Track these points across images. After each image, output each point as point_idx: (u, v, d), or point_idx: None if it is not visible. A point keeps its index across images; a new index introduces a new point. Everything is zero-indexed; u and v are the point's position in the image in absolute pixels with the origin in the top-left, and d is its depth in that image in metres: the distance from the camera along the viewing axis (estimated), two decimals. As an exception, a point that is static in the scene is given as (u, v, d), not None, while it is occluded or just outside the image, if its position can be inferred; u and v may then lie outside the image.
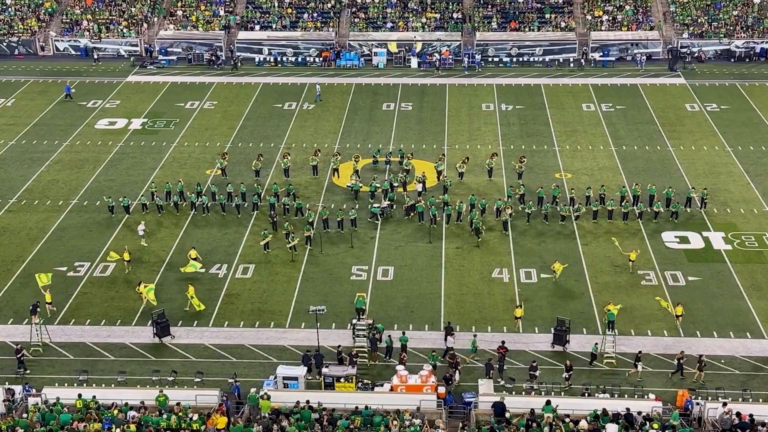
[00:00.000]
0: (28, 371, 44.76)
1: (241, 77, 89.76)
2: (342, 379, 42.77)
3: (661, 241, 56.83)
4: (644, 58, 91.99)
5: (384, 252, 56.17)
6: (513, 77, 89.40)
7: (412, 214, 59.77)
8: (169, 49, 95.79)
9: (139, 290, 50.38)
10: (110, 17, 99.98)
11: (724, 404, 39.68)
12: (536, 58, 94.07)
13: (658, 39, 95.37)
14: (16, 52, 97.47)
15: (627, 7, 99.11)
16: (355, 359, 44.15)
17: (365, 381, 43.38)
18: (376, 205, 60.50)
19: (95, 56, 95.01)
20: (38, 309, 47.70)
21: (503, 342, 45.04)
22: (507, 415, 39.07)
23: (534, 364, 43.68)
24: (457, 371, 43.90)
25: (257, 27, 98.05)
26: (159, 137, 74.69)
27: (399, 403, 40.06)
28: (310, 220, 57.41)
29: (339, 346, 45.59)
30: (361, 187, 62.83)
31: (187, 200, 61.34)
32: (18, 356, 44.80)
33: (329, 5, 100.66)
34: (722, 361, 44.94)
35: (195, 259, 53.66)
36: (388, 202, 60.71)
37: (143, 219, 59.15)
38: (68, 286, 52.65)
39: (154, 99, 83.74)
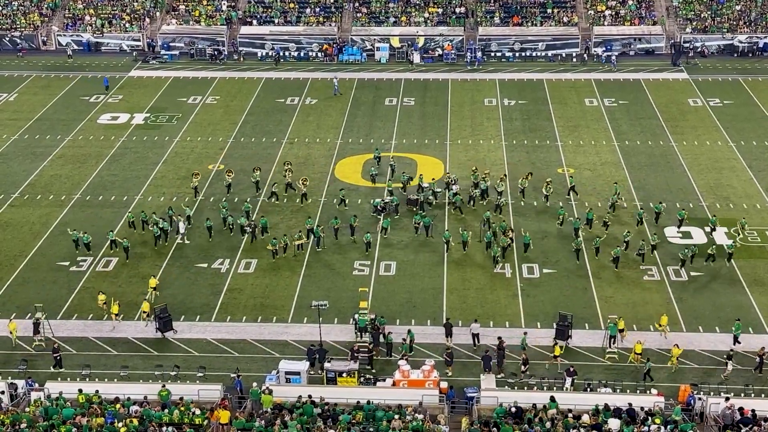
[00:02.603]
0: (62, 369, 44.69)
1: (244, 72, 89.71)
2: (344, 374, 42.83)
3: (663, 236, 56.76)
4: (614, 56, 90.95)
5: (386, 247, 56.16)
6: (515, 72, 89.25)
7: (415, 208, 59.81)
8: (171, 44, 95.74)
9: (112, 310, 48.77)
10: (112, 12, 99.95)
11: (727, 399, 39.70)
12: (539, 53, 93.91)
13: (661, 34, 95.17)
14: (19, 46, 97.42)
15: (630, 2, 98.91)
16: (357, 354, 44.26)
17: (367, 376, 43.43)
18: (377, 199, 60.48)
19: (68, 52, 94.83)
20: (39, 326, 47.05)
21: (500, 338, 45.02)
22: (513, 409, 39.07)
23: (571, 369, 43.22)
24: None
25: (254, 22, 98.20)
26: (161, 132, 74.68)
27: (401, 398, 40.08)
28: (309, 227, 56.46)
29: (371, 343, 45.43)
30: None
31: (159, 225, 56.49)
32: (55, 355, 44.81)
33: (331, 0, 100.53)
34: (724, 356, 44.84)
35: (154, 289, 51.01)
36: (391, 198, 60.64)
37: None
38: (71, 281, 52.73)
39: (157, 94, 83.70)
